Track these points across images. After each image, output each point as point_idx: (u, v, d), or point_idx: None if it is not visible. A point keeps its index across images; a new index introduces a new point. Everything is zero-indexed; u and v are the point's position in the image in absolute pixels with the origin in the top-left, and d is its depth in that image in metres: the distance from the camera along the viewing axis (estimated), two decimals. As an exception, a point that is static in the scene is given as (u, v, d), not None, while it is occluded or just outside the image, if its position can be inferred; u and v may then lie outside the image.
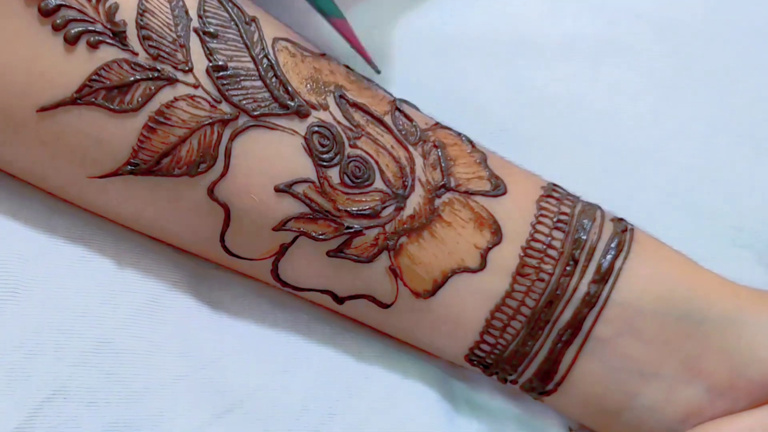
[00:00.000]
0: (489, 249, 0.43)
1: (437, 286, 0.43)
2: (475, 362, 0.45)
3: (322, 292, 0.44)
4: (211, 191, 0.41)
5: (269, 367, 0.45)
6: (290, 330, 0.46)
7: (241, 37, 0.41)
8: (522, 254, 0.43)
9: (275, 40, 0.42)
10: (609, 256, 0.43)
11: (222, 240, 0.42)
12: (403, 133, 0.44)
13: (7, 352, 0.40)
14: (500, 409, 0.48)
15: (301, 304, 0.46)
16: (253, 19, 0.42)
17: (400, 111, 0.44)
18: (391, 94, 0.45)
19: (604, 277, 0.43)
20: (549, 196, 0.44)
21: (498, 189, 0.44)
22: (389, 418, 0.45)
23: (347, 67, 0.45)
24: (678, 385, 0.43)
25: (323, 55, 0.44)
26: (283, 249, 0.42)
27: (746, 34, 0.49)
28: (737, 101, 0.49)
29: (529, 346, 0.43)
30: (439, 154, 0.44)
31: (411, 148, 0.43)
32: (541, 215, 0.44)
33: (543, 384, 0.44)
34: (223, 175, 0.41)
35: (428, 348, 0.46)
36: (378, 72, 0.48)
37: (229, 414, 0.43)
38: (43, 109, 0.39)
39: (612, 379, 0.43)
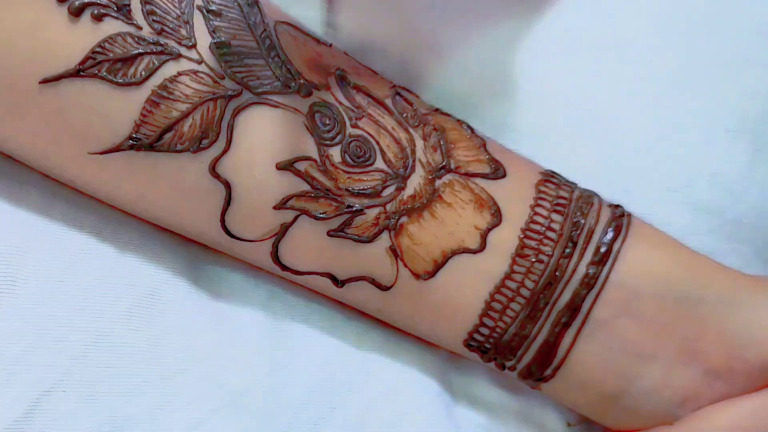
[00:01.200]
0: (489, 230, 0.43)
1: (437, 267, 0.43)
2: (474, 347, 0.44)
3: (322, 274, 0.44)
4: (212, 168, 0.41)
5: (268, 361, 0.45)
6: (290, 323, 0.46)
7: (244, 17, 0.42)
8: (521, 236, 0.43)
9: (277, 23, 0.43)
10: (607, 239, 0.43)
11: (222, 220, 0.42)
12: (404, 116, 0.44)
13: (6, 345, 0.40)
14: (500, 403, 0.48)
15: (301, 296, 0.46)
16: (256, 2, 0.42)
17: (401, 95, 0.45)
18: (391, 81, 0.45)
19: (602, 258, 0.43)
20: (547, 180, 0.45)
21: (497, 172, 0.44)
22: (389, 411, 0.45)
23: (347, 54, 0.45)
24: (676, 368, 0.43)
25: (324, 42, 0.45)
26: (284, 229, 0.42)
27: (746, 29, 0.49)
28: (737, 96, 0.49)
29: (528, 328, 0.43)
30: (440, 136, 0.44)
31: (412, 130, 0.43)
32: (540, 198, 0.44)
33: (541, 369, 0.44)
34: (225, 151, 0.41)
35: (427, 335, 0.46)
36: None
37: (228, 408, 0.43)
38: (46, 81, 0.40)
39: (610, 362, 0.43)
